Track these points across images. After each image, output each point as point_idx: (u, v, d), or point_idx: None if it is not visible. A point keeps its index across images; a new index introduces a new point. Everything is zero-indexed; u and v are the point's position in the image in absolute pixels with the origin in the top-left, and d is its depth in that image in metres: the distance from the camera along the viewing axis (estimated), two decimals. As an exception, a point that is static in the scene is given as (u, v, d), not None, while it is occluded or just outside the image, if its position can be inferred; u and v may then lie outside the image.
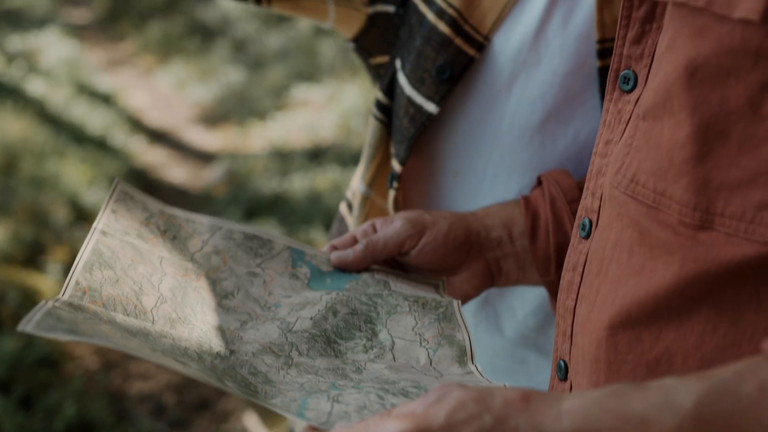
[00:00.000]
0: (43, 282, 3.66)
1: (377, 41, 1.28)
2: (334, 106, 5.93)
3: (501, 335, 1.28)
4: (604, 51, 1.14)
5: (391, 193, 1.25)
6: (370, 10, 1.26)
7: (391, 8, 1.24)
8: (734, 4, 0.67)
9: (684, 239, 0.72)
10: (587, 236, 0.87)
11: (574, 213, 1.09)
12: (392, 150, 1.26)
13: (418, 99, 1.20)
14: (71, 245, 3.96)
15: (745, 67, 0.67)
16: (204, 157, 5.61)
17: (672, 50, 0.73)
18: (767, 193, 0.68)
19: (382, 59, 1.29)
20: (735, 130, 0.69)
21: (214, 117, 6.25)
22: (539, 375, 1.28)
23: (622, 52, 0.83)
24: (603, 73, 1.15)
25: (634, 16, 0.81)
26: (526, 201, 1.13)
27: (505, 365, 1.29)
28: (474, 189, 1.23)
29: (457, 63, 1.17)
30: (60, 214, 4.23)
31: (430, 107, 1.19)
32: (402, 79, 1.22)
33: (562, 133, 1.18)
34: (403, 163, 1.23)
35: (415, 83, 1.20)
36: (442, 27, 1.17)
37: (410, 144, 1.21)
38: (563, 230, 1.10)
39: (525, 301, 1.26)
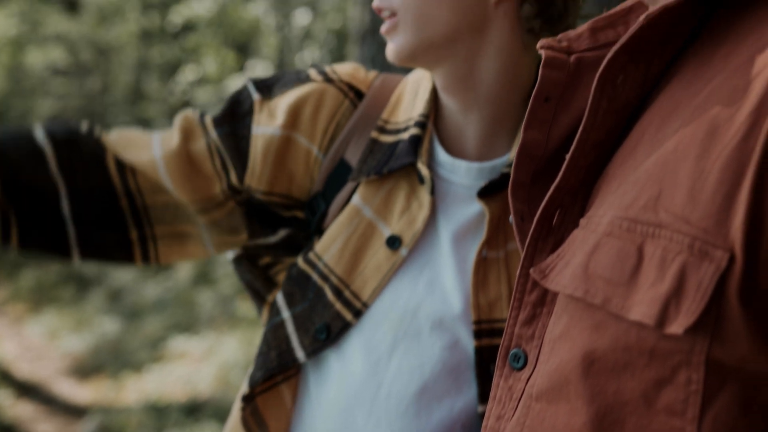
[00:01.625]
0: None
1: (259, 249, 1.35)
2: (212, 359, 5.85)
3: None
4: (480, 332, 1.20)
5: (239, 414, 1.28)
6: (251, 243, 1.34)
7: (271, 239, 1.32)
8: (629, 306, 0.69)
9: None
10: None
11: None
12: (249, 371, 1.30)
13: (294, 341, 1.25)
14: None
15: (640, 365, 0.69)
16: (75, 412, 5.39)
17: (567, 338, 0.75)
18: None
19: (267, 259, 1.35)
20: (629, 421, 0.70)
21: (86, 369, 6.07)
22: None
23: (513, 331, 0.84)
24: (478, 351, 1.20)
25: (526, 300, 0.84)
26: None
27: None
28: None
29: (335, 326, 1.23)
30: None
31: (300, 355, 1.25)
32: (285, 314, 1.28)
33: (437, 405, 1.21)
34: (254, 386, 1.26)
35: (299, 328, 1.25)
36: (327, 290, 1.24)
37: (268, 377, 1.26)
38: None
39: None
